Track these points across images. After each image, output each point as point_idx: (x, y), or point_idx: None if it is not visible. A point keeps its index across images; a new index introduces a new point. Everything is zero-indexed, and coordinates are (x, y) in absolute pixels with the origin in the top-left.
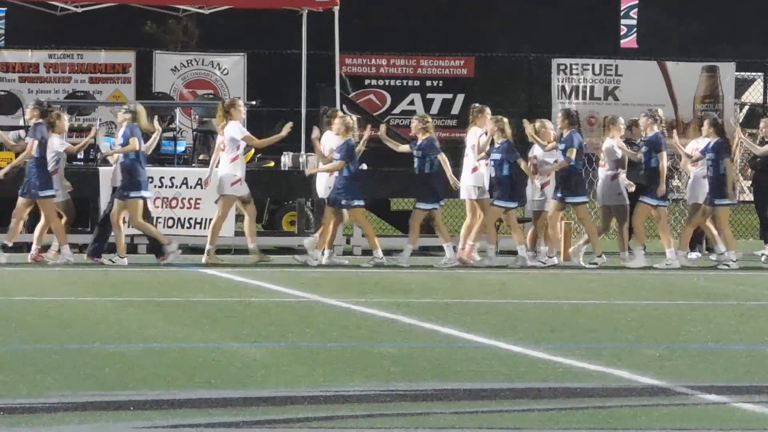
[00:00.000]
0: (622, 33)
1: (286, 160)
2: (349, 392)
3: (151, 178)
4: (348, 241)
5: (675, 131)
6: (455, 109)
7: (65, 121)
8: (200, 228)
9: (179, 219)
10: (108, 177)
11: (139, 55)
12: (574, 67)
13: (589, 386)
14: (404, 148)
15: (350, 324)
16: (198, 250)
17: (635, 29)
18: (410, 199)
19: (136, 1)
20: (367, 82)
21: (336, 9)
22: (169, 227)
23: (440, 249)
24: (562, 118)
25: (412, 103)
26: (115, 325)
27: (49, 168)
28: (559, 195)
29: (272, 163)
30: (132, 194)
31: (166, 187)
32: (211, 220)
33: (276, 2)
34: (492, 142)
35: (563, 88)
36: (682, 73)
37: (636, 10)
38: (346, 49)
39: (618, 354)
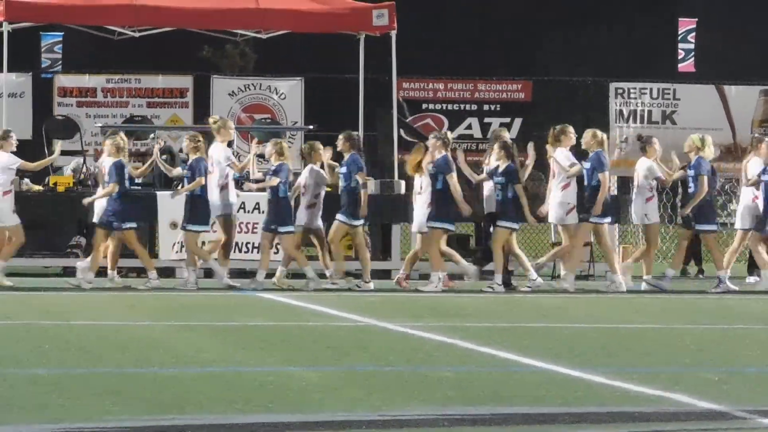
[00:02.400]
0: (679, 57)
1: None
2: (406, 416)
3: None
4: None
5: (460, 152)
6: (513, 134)
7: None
8: (257, 252)
9: (236, 243)
10: (167, 201)
11: (196, 80)
12: (631, 91)
13: (647, 410)
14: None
15: (407, 348)
16: (255, 274)
17: (693, 53)
18: (468, 224)
19: (193, 26)
20: (424, 106)
21: (393, 33)
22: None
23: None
24: (344, 141)
25: (469, 127)
26: (172, 349)
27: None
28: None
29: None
30: None
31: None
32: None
33: (333, 27)
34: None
35: (621, 112)
36: (740, 97)
37: (694, 33)
38: (404, 73)
39: (676, 378)
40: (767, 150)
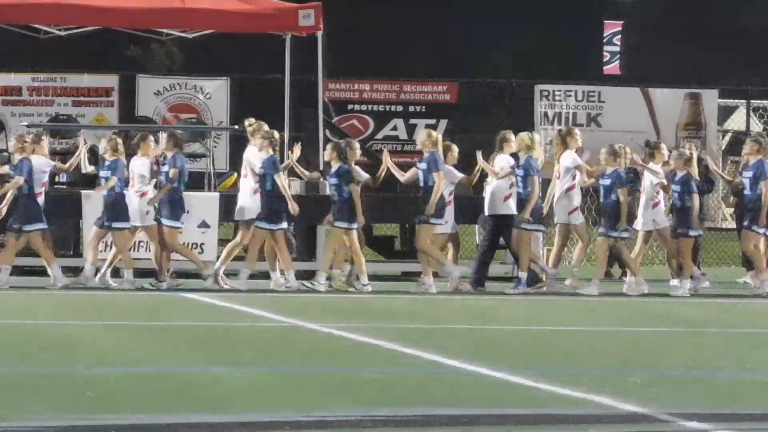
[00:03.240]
0: (605, 59)
1: None
2: (331, 417)
3: None
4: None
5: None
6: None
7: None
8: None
9: None
10: (90, 201)
11: (122, 79)
12: (557, 93)
13: (570, 413)
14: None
15: (333, 349)
16: (182, 274)
17: (618, 55)
18: (392, 225)
19: (119, 25)
20: (350, 107)
21: (319, 34)
22: (151, 251)
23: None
24: (167, 140)
25: (395, 128)
26: (97, 349)
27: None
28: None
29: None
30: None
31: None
32: (193, 244)
33: (259, 27)
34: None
35: (546, 114)
36: (665, 100)
37: (619, 36)
38: (330, 74)
39: (600, 381)
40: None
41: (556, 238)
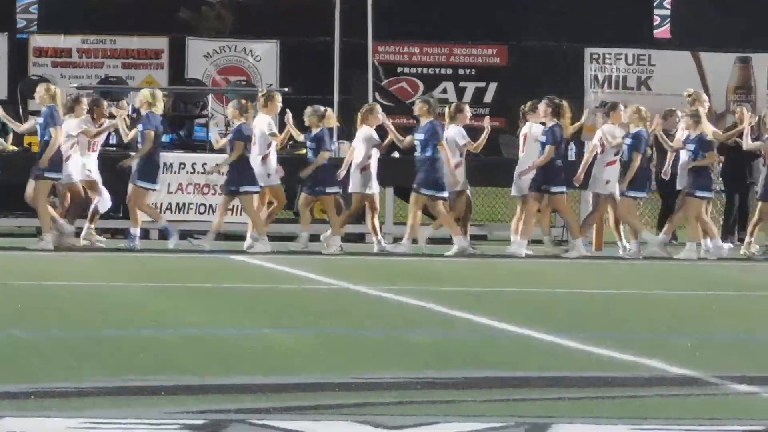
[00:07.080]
0: (655, 23)
1: None
2: (380, 380)
3: (184, 164)
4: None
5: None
6: (488, 98)
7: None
8: (232, 214)
9: (211, 205)
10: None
11: (172, 41)
12: (607, 56)
13: (620, 376)
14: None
15: (383, 312)
16: (231, 236)
17: (669, 19)
18: None
19: None
20: (399, 70)
21: None
22: (200, 213)
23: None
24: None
25: (444, 91)
26: (149, 312)
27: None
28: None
29: (304, 151)
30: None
31: (198, 173)
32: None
33: None
34: None
35: (596, 77)
36: (715, 64)
37: (669, 0)
38: (379, 37)
39: (650, 344)
40: None
41: None
